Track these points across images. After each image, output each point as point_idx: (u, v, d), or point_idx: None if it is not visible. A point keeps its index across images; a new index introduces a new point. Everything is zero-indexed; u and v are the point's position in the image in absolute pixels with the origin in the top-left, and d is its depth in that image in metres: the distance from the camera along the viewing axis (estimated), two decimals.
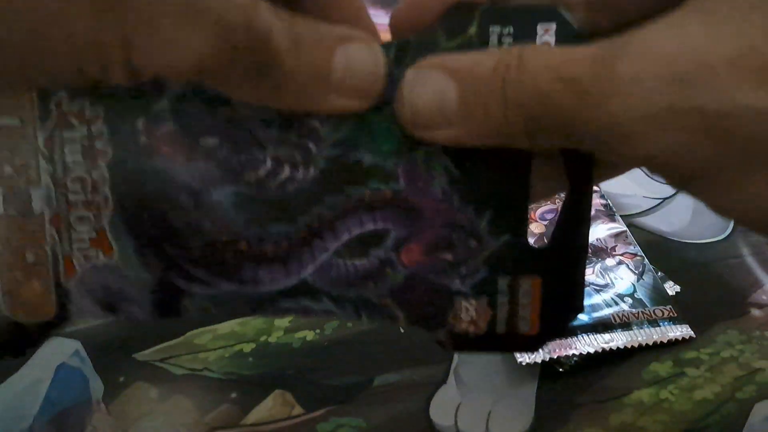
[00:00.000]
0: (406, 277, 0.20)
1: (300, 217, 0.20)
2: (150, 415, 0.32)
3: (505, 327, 0.20)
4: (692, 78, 0.15)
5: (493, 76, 0.17)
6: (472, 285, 0.20)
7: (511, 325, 0.20)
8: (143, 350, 0.35)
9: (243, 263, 0.20)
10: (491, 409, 0.32)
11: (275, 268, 0.20)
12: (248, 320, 0.36)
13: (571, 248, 0.20)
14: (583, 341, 0.34)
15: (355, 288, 0.20)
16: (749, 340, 0.36)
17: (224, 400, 0.32)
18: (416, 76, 0.18)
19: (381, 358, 0.35)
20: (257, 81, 0.17)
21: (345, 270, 0.20)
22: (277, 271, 0.20)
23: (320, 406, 0.32)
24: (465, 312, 0.20)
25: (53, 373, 0.33)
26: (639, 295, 0.37)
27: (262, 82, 0.17)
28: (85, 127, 0.19)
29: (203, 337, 0.35)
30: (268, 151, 0.19)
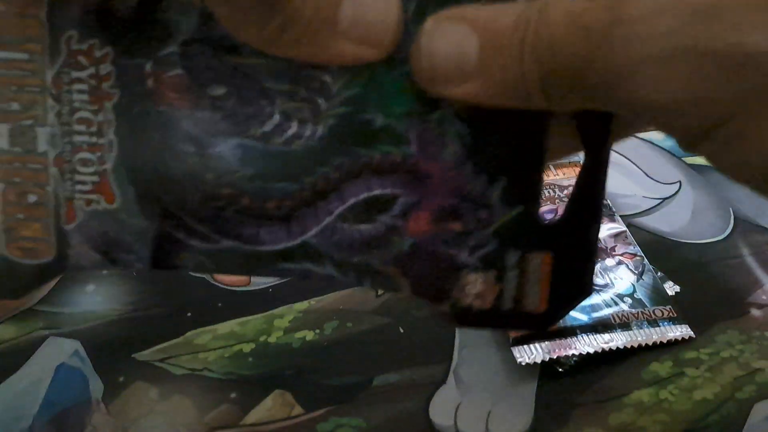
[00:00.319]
0: (412, 245, 0.19)
1: (305, 177, 0.19)
2: (150, 415, 0.32)
3: (512, 303, 0.19)
4: (709, 16, 0.14)
5: (514, 30, 0.16)
6: (480, 258, 0.19)
7: (518, 301, 0.19)
8: (143, 350, 0.35)
9: (244, 220, 0.19)
10: (491, 409, 0.32)
11: (277, 227, 0.19)
12: (248, 320, 0.36)
13: (585, 224, 0.19)
14: (582, 341, 0.34)
15: (359, 254, 0.19)
16: (749, 340, 0.36)
17: (224, 400, 0.32)
18: (436, 27, 0.17)
19: (381, 358, 0.35)
20: (264, 20, 0.16)
21: (349, 234, 0.19)
22: (278, 231, 0.19)
23: (320, 406, 0.32)
24: (471, 285, 0.19)
25: (53, 373, 0.33)
26: (639, 295, 0.37)
27: (268, 21, 0.16)
28: (93, 68, 0.18)
29: (203, 337, 0.35)
30: (276, 105, 0.18)
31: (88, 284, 0.38)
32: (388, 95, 0.18)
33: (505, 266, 0.19)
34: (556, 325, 0.20)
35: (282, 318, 0.36)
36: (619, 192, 0.46)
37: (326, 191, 0.19)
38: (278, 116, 0.19)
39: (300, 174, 0.19)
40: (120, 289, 0.38)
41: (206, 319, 0.36)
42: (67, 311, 0.37)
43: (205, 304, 0.37)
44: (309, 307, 0.37)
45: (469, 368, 0.34)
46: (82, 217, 0.19)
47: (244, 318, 0.36)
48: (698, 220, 0.44)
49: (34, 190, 0.19)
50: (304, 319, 0.36)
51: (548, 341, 0.34)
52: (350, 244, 0.19)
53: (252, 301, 0.37)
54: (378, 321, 0.37)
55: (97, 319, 0.36)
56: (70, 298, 0.37)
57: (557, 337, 0.34)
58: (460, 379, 0.34)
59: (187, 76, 0.18)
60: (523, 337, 0.34)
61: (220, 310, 0.37)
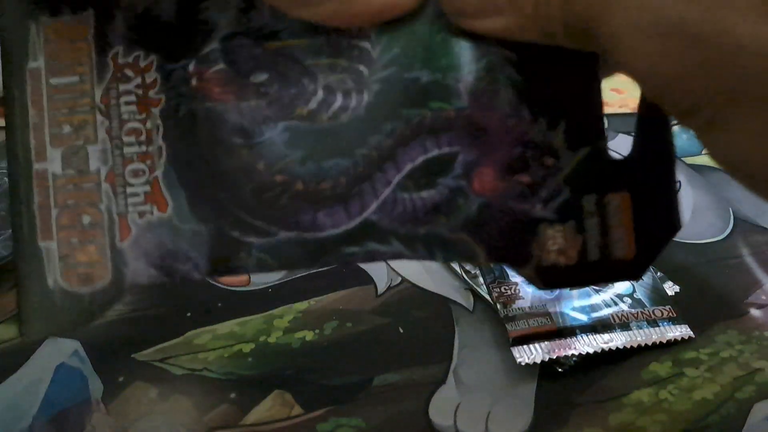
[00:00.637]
0: (480, 206, 0.18)
1: (357, 149, 0.18)
2: (149, 415, 0.32)
3: (598, 253, 0.18)
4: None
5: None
6: (555, 209, 0.18)
7: (605, 249, 0.18)
8: (143, 350, 0.35)
9: (300, 206, 0.18)
10: (490, 409, 0.32)
11: (335, 208, 0.18)
12: (248, 320, 0.36)
13: (658, 153, 0.18)
14: (582, 341, 0.34)
15: (425, 224, 0.18)
16: (749, 340, 0.36)
17: (223, 400, 0.32)
18: None
19: (380, 358, 0.35)
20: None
21: (412, 204, 0.18)
22: (337, 213, 0.18)
23: (320, 406, 0.32)
24: (552, 241, 0.18)
25: (53, 373, 0.33)
26: (638, 295, 0.37)
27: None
28: (139, 77, 0.19)
29: (203, 337, 0.35)
30: (319, 81, 0.18)
31: None
32: (430, 50, 0.18)
33: (583, 214, 0.18)
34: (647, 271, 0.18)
35: (282, 318, 0.36)
36: None
37: (381, 161, 0.18)
38: (321, 92, 0.18)
39: (352, 147, 0.18)
40: None
41: (206, 320, 0.36)
42: None
43: (204, 304, 0.37)
44: (309, 308, 0.37)
45: (468, 368, 0.34)
46: (136, 231, 0.19)
47: (243, 318, 0.36)
48: (698, 220, 0.44)
49: (88, 210, 0.19)
50: (303, 320, 0.36)
51: (548, 341, 0.34)
52: (414, 215, 0.18)
53: (251, 301, 0.37)
54: (378, 321, 0.37)
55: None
56: None
57: (557, 337, 0.34)
58: (460, 379, 0.34)
59: (230, 69, 0.19)
60: (523, 337, 0.34)
61: (220, 310, 0.37)
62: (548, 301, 0.36)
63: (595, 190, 0.18)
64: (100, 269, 0.19)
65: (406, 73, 0.18)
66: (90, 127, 0.19)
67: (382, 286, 0.39)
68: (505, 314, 0.35)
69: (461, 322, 0.37)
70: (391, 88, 0.18)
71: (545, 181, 0.18)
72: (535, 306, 0.36)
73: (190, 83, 0.19)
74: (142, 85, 0.19)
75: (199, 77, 0.19)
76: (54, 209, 0.19)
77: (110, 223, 0.19)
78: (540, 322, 0.35)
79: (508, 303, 0.36)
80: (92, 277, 0.19)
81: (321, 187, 0.18)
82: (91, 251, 0.19)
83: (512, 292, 0.36)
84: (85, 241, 0.19)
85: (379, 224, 0.18)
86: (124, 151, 0.19)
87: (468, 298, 0.38)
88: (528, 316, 0.35)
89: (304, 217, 0.18)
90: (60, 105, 0.19)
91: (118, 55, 0.19)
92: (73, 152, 0.19)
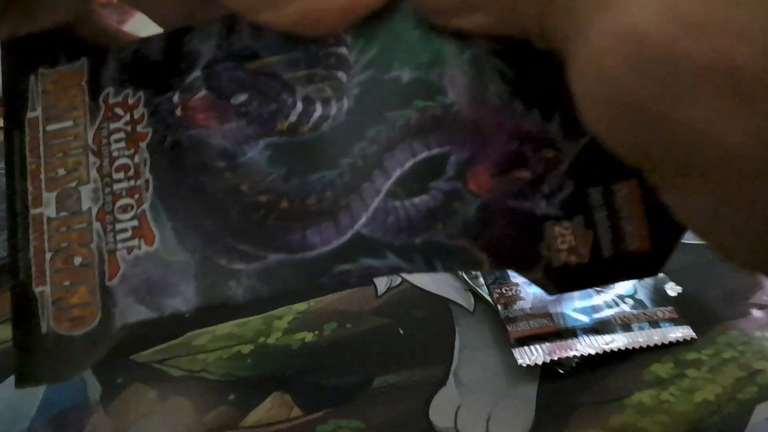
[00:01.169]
0: (479, 208, 0.17)
1: (341, 159, 0.17)
2: (148, 417, 0.32)
3: (611, 248, 0.17)
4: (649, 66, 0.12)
5: None
6: (560, 204, 0.17)
7: (618, 243, 0.17)
8: (141, 351, 0.34)
9: (288, 225, 0.18)
10: (491, 410, 0.32)
11: (324, 225, 0.17)
12: (247, 321, 0.36)
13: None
14: (583, 342, 0.34)
15: (421, 233, 0.17)
16: (750, 341, 0.36)
17: (222, 402, 0.32)
18: None
19: (380, 359, 0.34)
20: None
21: (405, 213, 0.17)
22: (326, 229, 0.17)
23: (319, 407, 0.32)
24: (560, 239, 0.17)
25: None
26: (640, 296, 0.37)
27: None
28: (128, 115, 0.19)
29: (202, 339, 0.35)
30: (297, 93, 0.18)
31: None
32: (409, 46, 0.17)
33: (591, 207, 0.17)
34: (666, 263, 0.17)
35: (281, 319, 0.36)
36: None
37: (367, 169, 0.17)
38: (300, 103, 0.18)
39: (335, 157, 0.17)
40: None
41: (205, 320, 0.36)
42: None
43: None
44: (308, 308, 0.37)
45: (469, 370, 0.34)
46: (125, 268, 0.19)
47: (242, 319, 0.36)
48: None
49: (80, 251, 0.19)
50: (303, 320, 0.36)
51: (549, 342, 0.34)
52: (409, 224, 0.17)
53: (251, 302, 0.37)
54: (377, 322, 0.36)
55: None
56: None
57: (558, 338, 0.34)
58: (461, 380, 0.34)
59: (212, 94, 0.19)
60: (524, 338, 0.34)
61: (219, 311, 0.37)
62: (549, 302, 0.36)
63: (601, 180, 0.17)
64: (90, 311, 0.19)
65: (386, 74, 0.17)
66: (83, 168, 0.19)
67: (382, 287, 0.39)
68: (506, 315, 0.35)
69: (462, 323, 0.37)
70: (371, 91, 0.17)
71: (546, 176, 0.17)
72: (536, 307, 0.35)
73: (175, 113, 0.19)
74: (130, 121, 0.19)
75: (183, 106, 0.19)
76: (48, 253, 0.19)
77: (100, 261, 0.19)
78: (541, 323, 0.35)
79: (509, 304, 0.36)
80: (83, 319, 0.19)
81: (307, 203, 0.18)
82: (83, 292, 0.19)
83: (513, 292, 0.36)
84: (77, 282, 0.19)
85: (371, 237, 0.17)
86: (114, 187, 0.19)
87: (468, 298, 0.38)
88: (529, 317, 0.35)
89: (293, 237, 0.18)
90: (56, 150, 0.19)
91: (109, 96, 0.19)
92: (67, 195, 0.19)
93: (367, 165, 0.17)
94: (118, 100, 0.19)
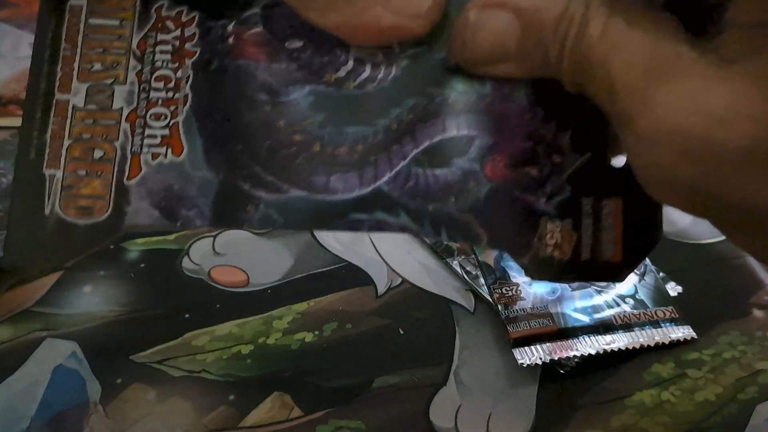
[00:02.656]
0: (490, 191, 0.19)
1: (378, 119, 0.19)
2: (147, 417, 0.31)
3: (590, 253, 0.19)
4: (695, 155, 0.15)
5: (557, 25, 0.17)
6: (556, 205, 0.19)
7: (595, 250, 0.19)
8: (141, 352, 0.34)
9: (315, 167, 0.19)
10: (491, 411, 0.32)
11: (349, 173, 0.19)
12: (247, 321, 0.36)
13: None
14: (584, 342, 0.34)
15: (435, 201, 0.19)
16: (751, 341, 0.36)
17: (222, 402, 0.32)
18: (479, 16, 0.18)
19: (380, 359, 0.34)
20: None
21: (424, 180, 0.19)
22: (350, 178, 0.19)
23: (319, 408, 0.32)
24: (550, 235, 0.19)
25: (50, 375, 0.33)
26: (640, 296, 0.37)
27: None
28: (179, 30, 0.20)
29: (201, 339, 0.35)
30: (350, 52, 0.19)
31: (85, 285, 0.38)
32: None
33: (581, 213, 0.19)
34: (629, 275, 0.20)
35: (281, 319, 0.36)
36: None
37: (400, 134, 0.19)
38: (352, 62, 0.19)
39: (373, 117, 0.19)
40: (117, 290, 0.38)
41: (204, 321, 0.36)
42: (64, 313, 0.36)
43: (203, 305, 0.37)
44: (308, 309, 0.37)
45: (469, 370, 0.34)
46: (146, 171, 0.19)
47: (242, 319, 0.36)
48: (700, 220, 0.44)
49: (102, 145, 0.19)
50: (302, 321, 0.36)
51: (549, 343, 0.34)
52: (426, 191, 0.19)
53: (250, 302, 0.37)
54: (377, 322, 0.36)
55: (95, 321, 0.36)
56: (67, 300, 0.37)
57: (558, 338, 0.34)
58: (461, 380, 0.33)
59: (267, 33, 0.19)
60: (524, 338, 0.34)
61: (219, 312, 0.37)
62: (550, 302, 0.36)
63: (593, 193, 0.19)
64: (100, 203, 0.19)
65: (435, 53, 0.19)
66: (121, 68, 0.20)
67: (382, 287, 0.38)
68: (507, 315, 0.35)
69: (462, 323, 0.36)
70: (418, 64, 0.19)
71: (551, 178, 0.19)
72: (537, 307, 0.35)
73: (227, 41, 0.19)
74: (180, 37, 0.20)
75: (236, 36, 0.19)
76: (67, 140, 0.19)
77: (122, 159, 0.19)
78: (541, 323, 0.35)
79: (509, 304, 0.36)
80: (92, 210, 0.19)
81: (338, 151, 0.19)
82: (96, 185, 0.19)
83: (513, 293, 0.36)
84: (92, 174, 0.19)
85: (390, 195, 0.19)
86: (151, 95, 0.20)
87: (469, 299, 0.38)
88: (529, 317, 0.35)
89: (317, 179, 0.19)
90: (95, 44, 0.20)
91: (162, 8, 0.20)
92: (99, 89, 0.20)
93: (400, 130, 0.19)
94: (170, 14, 0.20)
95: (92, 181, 0.19)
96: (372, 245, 0.41)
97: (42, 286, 0.38)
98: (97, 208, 0.19)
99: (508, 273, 0.37)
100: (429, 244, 0.41)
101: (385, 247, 0.41)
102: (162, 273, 0.39)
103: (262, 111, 0.19)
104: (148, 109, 0.19)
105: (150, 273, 0.39)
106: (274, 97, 0.19)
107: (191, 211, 0.19)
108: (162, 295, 0.38)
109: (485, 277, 0.38)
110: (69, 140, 0.19)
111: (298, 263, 0.40)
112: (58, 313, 0.36)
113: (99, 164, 0.19)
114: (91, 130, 0.19)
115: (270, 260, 0.40)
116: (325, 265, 0.40)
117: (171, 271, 0.39)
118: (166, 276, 0.39)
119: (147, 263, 0.40)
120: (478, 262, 0.38)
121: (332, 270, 0.39)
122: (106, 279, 0.38)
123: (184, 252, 0.40)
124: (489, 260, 0.38)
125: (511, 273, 0.37)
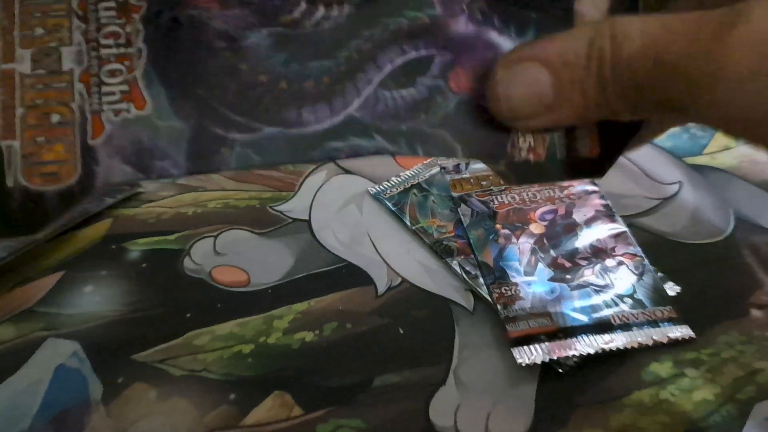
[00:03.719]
0: (458, 104, 0.20)
1: (339, 52, 0.20)
2: (149, 417, 0.32)
3: (565, 151, 0.20)
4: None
5: (587, 61, 0.17)
6: None
7: (570, 148, 0.20)
8: (142, 351, 0.34)
9: (284, 103, 0.20)
10: (491, 410, 0.32)
11: (318, 105, 0.20)
12: (247, 321, 0.36)
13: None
14: (582, 342, 0.34)
15: (406, 120, 0.20)
16: (749, 341, 0.36)
17: (223, 401, 0.32)
18: (506, 71, 0.18)
19: (380, 359, 0.34)
20: None
21: (393, 101, 0.20)
22: (321, 109, 0.20)
23: (319, 407, 0.32)
24: (522, 139, 0.20)
25: (52, 374, 0.33)
26: (639, 295, 0.37)
27: None
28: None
29: (202, 338, 0.35)
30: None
31: (87, 285, 0.38)
32: None
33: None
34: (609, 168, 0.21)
35: (281, 319, 0.36)
36: (620, 192, 0.46)
37: (362, 62, 0.20)
38: (304, 3, 0.20)
39: (333, 50, 0.20)
40: (119, 289, 0.38)
41: (205, 320, 0.36)
42: (65, 312, 0.37)
43: (204, 305, 0.37)
44: (308, 308, 0.37)
45: (469, 369, 0.34)
46: (111, 129, 0.19)
47: (243, 319, 0.36)
48: (698, 220, 0.44)
49: (58, 109, 0.19)
50: (303, 320, 0.36)
51: (548, 342, 0.34)
52: (396, 111, 0.20)
53: (251, 302, 0.37)
54: (377, 322, 0.36)
55: (96, 320, 0.36)
56: (68, 299, 0.37)
57: (557, 337, 0.34)
58: (460, 380, 0.34)
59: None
60: (523, 337, 0.34)
61: (220, 311, 0.37)
62: (548, 302, 0.36)
63: None
64: (67, 167, 0.19)
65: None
66: (65, 30, 0.19)
67: (382, 287, 0.39)
68: (506, 315, 0.35)
69: (461, 322, 0.37)
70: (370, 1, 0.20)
71: None
72: (536, 306, 0.36)
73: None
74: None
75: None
76: (19, 108, 0.19)
77: (82, 120, 0.19)
78: (540, 322, 0.35)
79: (508, 303, 0.36)
80: (58, 176, 0.19)
81: (305, 85, 0.20)
82: (59, 150, 0.19)
83: (513, 292, 0.36)
84: (53, 139, 0.19)
85: (362, 120, 0.20)
86: (101, 52, 0.19)
87: (468, 298, 0.38)
88: (528, 316, 0.35)
89: (288, 114, 0.19)
90: (32, 9, 0.19)
91: None
92: (45, 53, 0.19)
93: (362, 58, 0.20)
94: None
95: (54, 146, 0.19)
96: (372, 245, 0.41)
97: (43, 286, 0.38)
98: (64, 173, 0.19)
99: (507, 273, 0.37)
100: (429, 244, 0.41)
101: (384, 247, 0.41)
102: (163, 273, 0.39)
103: (223, 57, 0.19)
104: (101, 66, 0.19)
105: (151, 273, 0.39)
106: (233, 42, 0.19)
107: (164, 161, 0.19)
108: (163, 295, 0.38)
109: (484, 276, 0.38)
110: (21, 108, 0.19)
111: (298, 263, 0.40)
112: (60, 313, 0.37)
113: (59, 128, 0.19)
114: (43, 95, 0.19)
115: (270, 260, 0.40)
116: (325, 265, 0.40)
117: (172, 270, 0.39)
118: (167, 276, 0.39)
119: (148, 263, 0.40)
120: (478, 262, 0.39)
121: (332, 270, 0.40)
122: (108, 279, 0.39)
123: (185, 252, 0.41)
124: (488, 260, 0.38)
125: (510, 273, 0.38)
